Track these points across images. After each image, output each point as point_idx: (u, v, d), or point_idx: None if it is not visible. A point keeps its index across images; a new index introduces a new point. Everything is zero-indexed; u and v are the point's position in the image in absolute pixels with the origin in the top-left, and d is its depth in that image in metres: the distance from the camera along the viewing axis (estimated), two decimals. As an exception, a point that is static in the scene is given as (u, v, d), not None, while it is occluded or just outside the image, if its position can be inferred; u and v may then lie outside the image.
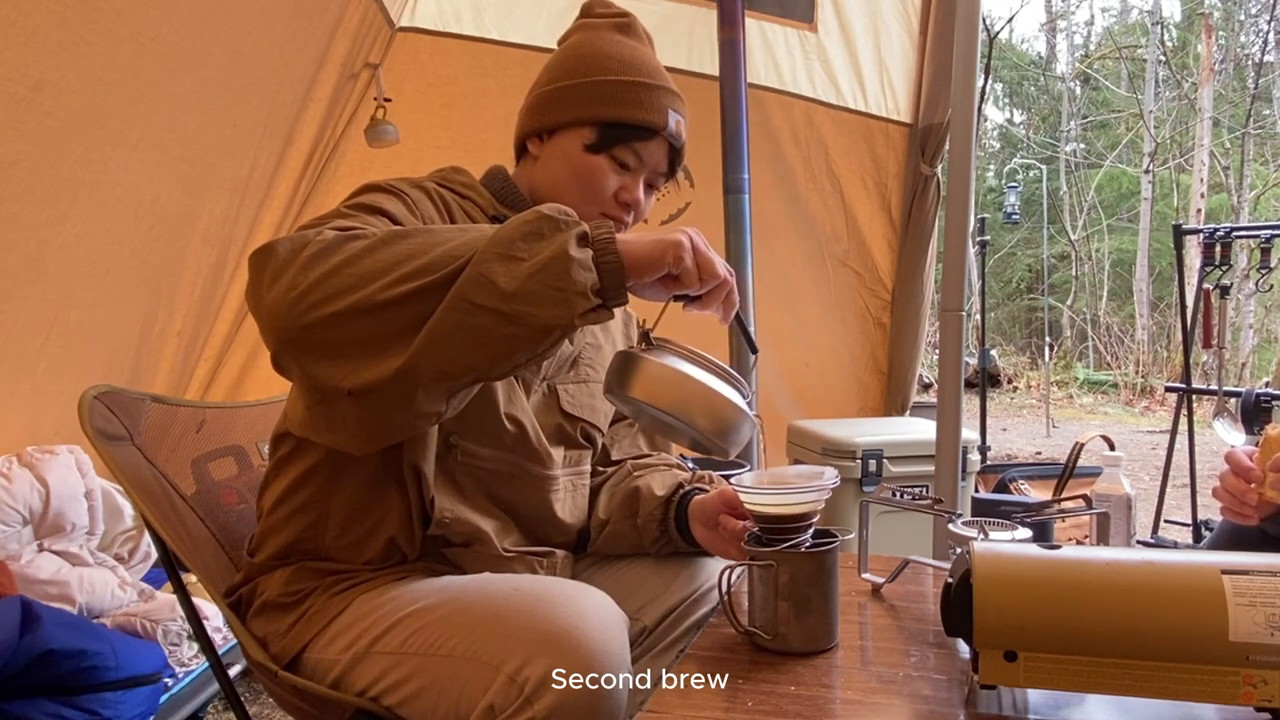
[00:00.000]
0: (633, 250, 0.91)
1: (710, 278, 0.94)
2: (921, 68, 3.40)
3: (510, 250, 0.87)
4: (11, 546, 2.00)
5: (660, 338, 0.98)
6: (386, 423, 0.92)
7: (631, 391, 0.94)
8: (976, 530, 1.06)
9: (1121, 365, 12.46)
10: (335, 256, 0.86)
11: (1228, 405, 3.11)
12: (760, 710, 0.83)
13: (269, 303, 0.86)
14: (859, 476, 2.85)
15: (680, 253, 0.91)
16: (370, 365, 0.86)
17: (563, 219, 0.89)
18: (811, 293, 3.57)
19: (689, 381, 0.93)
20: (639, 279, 0.92)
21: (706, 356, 0.97)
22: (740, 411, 0.95)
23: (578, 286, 0.86)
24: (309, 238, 0.88)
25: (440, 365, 0.86)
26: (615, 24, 1.21)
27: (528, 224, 0.89)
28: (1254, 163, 12.76)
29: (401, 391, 0.87)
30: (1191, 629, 0.76)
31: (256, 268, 0.88)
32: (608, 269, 0.89)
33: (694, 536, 1.21)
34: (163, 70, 2.10)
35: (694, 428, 0.94)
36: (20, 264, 2.02)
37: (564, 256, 0.86)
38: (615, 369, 0.97)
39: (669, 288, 0.95)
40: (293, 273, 0.86)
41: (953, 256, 2.03)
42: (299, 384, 0.91)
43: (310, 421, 0.96)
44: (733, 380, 0.96)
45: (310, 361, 0.87)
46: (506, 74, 3.01)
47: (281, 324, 0.86)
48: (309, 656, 1.05)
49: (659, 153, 1.17)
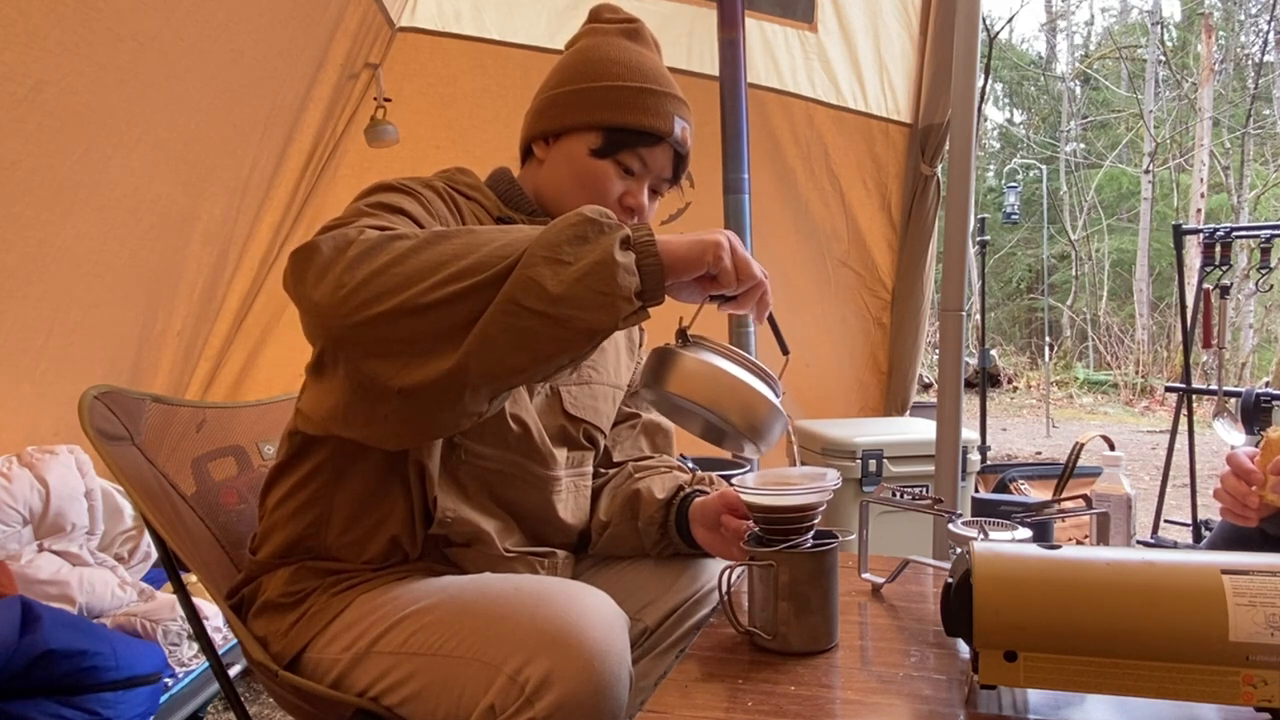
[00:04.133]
0: (672, 251, 0.91)
1: (747, 278, 0.95)
2: (921, 68, 3.40)
3: (557, 254, 0.87)
4: (11, 546, 2.00)
5: (697, 335, 0.99)
6: (431, 421, 0.93)
7: (668, 386, 0.95)
8: (976, 530, 1.06)
9: (1121, 365, 12.47)
10: (381, 256, 0.87)
11: (1228, 405, 3.11)
12: (760, 710, 0.83)
13: (316, 300, 0.87)
14: (859, 476, 2.85)
15: (719, 253, 0.92)
16: (420, 365, 0.87)
17: (606, 222, 0.90)
18: (811, 293, 3.57)
19: (724, 376, 0.94)
20: (677, 279, 0.92)
21: (742, 353, 0.98)
22: (774, 408, 0.96)
23: (622, 291, 0.87)
24: (351, 236, 0.89)
25: (489, 366, 0.87)
26: (623, 30, 1.22)
27: (573, 227, 0.89)
28: (1254, 163, 12.76)
29: (450, 392, 0.88)
30: (1191, 629, 0.76)
31: (300, 265, 0.89)
32: (649, 271, 0.90)
33: (695, 539, 1.21)
34: (163, 70, 2.10)
35: (728, 422, 0.95)
36: (20, 264, 2.02)
37: (610, 261, 0.87)
38: (651, 365, 0.98)
39: (705, 288, 0.96)
40: (339, 271, 0.86)
41: (953, 256, 2.03)
42: (345, 380, 0.91)
43: (347, 415, 0.94)
44: (767, 377, 0.98)
45: (360, 358, 0.88)
46: (506, 74, 3.01)
47: (330, 322, 0.87)
48: (309, 656, 1.05)
49: (664, 158, 1.18)
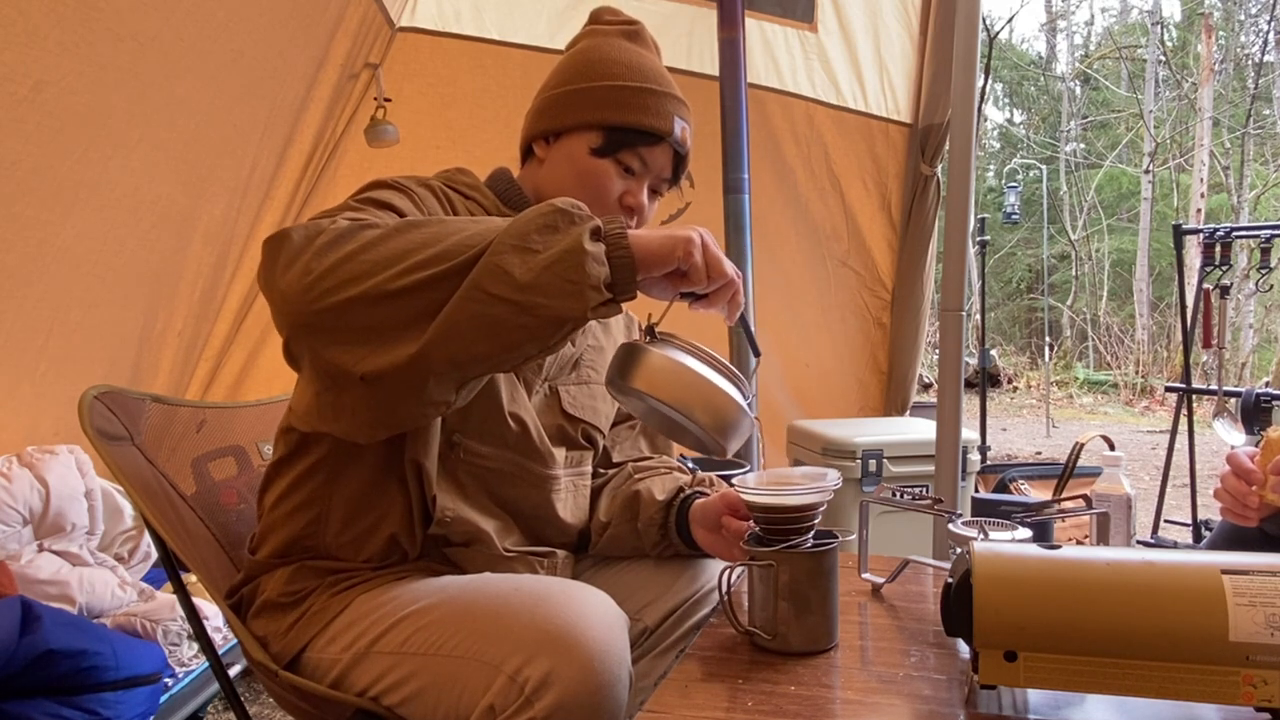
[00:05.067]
0: (643, 244, 0.91)
1: (718, 276, 0.94)
2: (921, 68, 3.40)
3: (525, 242, 0.87)
4: (11, 546, 2.00)
5: (665, 332, 0.98)
6: (396, 410, 0.92)
7: (633, 382, 0.95)
8: (976, 530, 1.06)
9: (1121, 365, 12.46)
10: (349, 243, 0.87)
11: (1228, 405, 3.11)
12: (760, 710, 0.83)
13: (282, 287, 0.87)
14: (859, 476, 2.85)
15: (690, 249, 0.92)
16: (383, 351, 0.86)
17: (576, 212, 0.90)
18: (811, 293, 3.57)
19: (689, 374, 0.93)
20: (648, 273, 0.92)
21: (709, 352, 0.97)
22: (739, 408, 0.95)
23: (591, 280, 0.87)
24: (323, 225, 0.89)
25: (453, 353, 0.87)
26: (624, 31, 1.23)
27: (543, 216, 0.89)
28: (1254, 163, 12.75)
29: (413, 379, 0.88)
30: (1191, 629, 0.76)
31: (270, 253, 0.89)
32: (619, 263, 0.90)
33: (695, 540, 1.21)
34: (163, 70, 2.10)
35: (693, 421, 0.94)
36: (20, 264, 2.02)
37: (578, 249, 0.87)
38: (618, 361, 0.97)
39: (676, 285, 0.95)
40: (307, 258, 0.86)
41: (953, 256, 2.03)
42: (310, 369, 0.92)
43: (317, 409, 0.96)
44: (734, 377, 0.96)
45: (322, 346, 0.88)
46: (506, 74, 3.01)
47: (295, 308, 0.87)
48: (309, 656, 1.05)
49: (664, 158, 1.18)
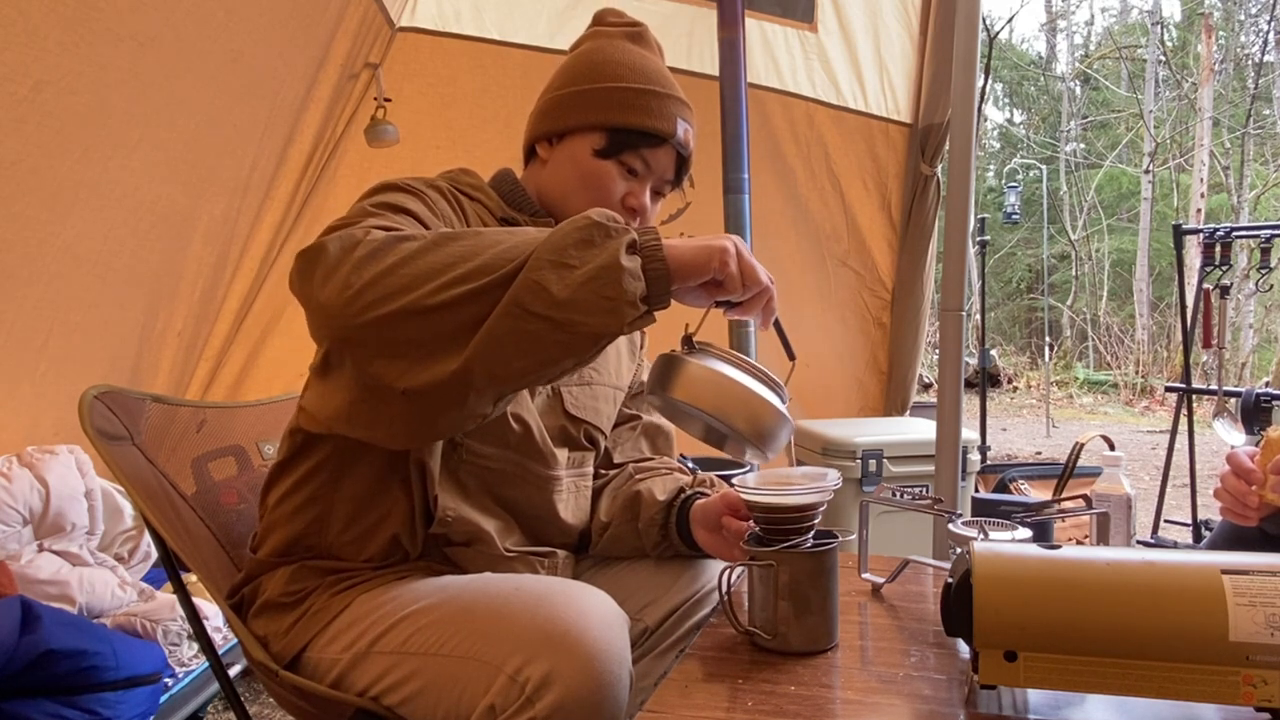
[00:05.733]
0: (678, 256, 0.91)
1: (753, 284, 0.95)
2: (921, 68, 3.40)
3: (562, 257, 0.87)
4: (11, 546, 2.00)
5: (702, 341, 0.99)
6: (436, 423, 0.93)
7: (673, 393, 0.95)
8: (976, 530, 1.06)
9: (1121, 365, 12.46)
10: (388, 257, 0.87)
11: (1228, 405, 3.11)
12: (760, 710, 0.83)
13: (322, 300, 0.87)
14: (859, 476, 2.85)
15: (725, 259, 0.92)
16: (426, 366, 0.87)
17: (612, 226, 0.90)
18: (812, 293, 3.57)
19: (730, 384, 0.94)
20: (683, 284, 0.92)
21: (748, 360, 0.98)
22: (779, 414, 0.96)
23: (628, 296, 0.87)
24: (358, 237, 0.89)
25: (494, 369, 0.87)
26: (627, 33, 1.23)
27: (579, 230, 0.89)
28: (1254, 163, 12.75)
29: (455, 393, 0.88)
30: (1191, 629, 0.76)
31: (307, 266, 0.89)
32: (654, 275, 0.90)
33: (696, 540, 1.22)
34: (163, 70, 2.10)
35: (733, 429, 0.95)
36: (20, 264, 2.02)
37: (615, 265, 0.87)
38: (657, 372, 0.98)
39: (711, 293, 0.95)
40: (345, 272, 0.87)
41: (953, 256, 2.03)
42: (350, 379, 0.92)
43: (351, 415, 0.95)
44: (772, 384, 0.98)
45: (366, 359, 0.89)
46: (507, 74, 3.01)
47: (337, 322, 0.87)
48: (309, 656, 1.05)
49: (667, 160, 1.18)
